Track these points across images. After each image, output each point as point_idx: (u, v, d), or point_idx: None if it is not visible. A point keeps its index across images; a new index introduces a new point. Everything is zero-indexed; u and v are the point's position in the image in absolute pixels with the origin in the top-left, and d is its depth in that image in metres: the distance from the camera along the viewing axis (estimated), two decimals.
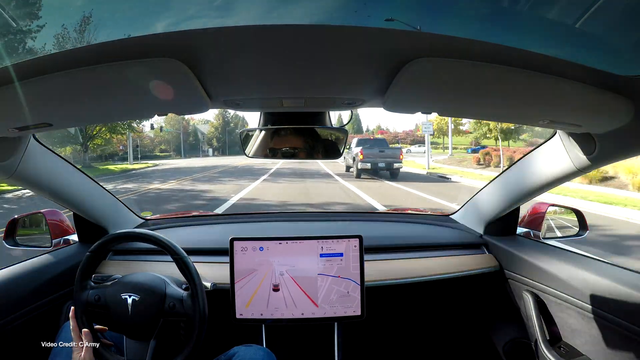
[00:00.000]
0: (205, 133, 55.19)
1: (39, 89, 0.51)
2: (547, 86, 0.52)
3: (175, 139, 48.69)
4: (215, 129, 54.79)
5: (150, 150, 44.62)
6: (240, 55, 0.47)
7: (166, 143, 48.41)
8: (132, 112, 0.70)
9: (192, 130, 53.49)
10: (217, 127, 54.71)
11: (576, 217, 1.22)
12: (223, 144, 54.18)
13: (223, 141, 54.25)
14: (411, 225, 1.45)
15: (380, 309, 1.32)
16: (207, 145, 53.89)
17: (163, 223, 1.43)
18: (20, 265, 1.02)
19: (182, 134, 47.94)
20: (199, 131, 54.96)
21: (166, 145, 48.20)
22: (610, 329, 0.87)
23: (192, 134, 53.20)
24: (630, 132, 0.66)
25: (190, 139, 52.14)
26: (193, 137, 53.02)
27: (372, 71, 0.53)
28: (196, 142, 52.93)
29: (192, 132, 53.20)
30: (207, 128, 55.70)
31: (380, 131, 59.93)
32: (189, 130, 52.02)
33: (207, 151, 51.65)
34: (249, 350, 0.89)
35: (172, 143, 48.82)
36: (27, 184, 0.93)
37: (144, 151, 40.64)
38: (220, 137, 54.57)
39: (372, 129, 68.53)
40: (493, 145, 18.97)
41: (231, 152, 51.77)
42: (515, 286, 1.17)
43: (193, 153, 47.90)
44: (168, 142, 48.53)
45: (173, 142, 49.01)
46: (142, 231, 0.85)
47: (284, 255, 1.06)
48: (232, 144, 54.33)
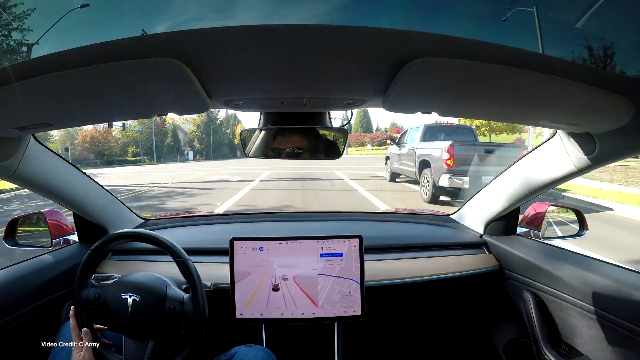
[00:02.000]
0: (187, 132, 45.28)
1: (39, 89, 0.51)
2: (547, 86, 0.52)
3: (147, 139, 39.18)
4: (198, 127, 44.56)
5: (120, 154, 36.07)
6: (240, 55, 0.47)
7: (136, 144, 38.55)
8: (132, 112, 0.70)
9: (171, 129, 42.74)
10: (199, 125, 44.40)
11: (576, 217, 1.23)
12: (207, 146, 44.58)
13: (207, 142, 44.62)
14: (411, 225, 1.45)
15: (381, 309, 1.32)
16: (188, 147, 44.41)
17: (163, 223, 1.43)
18: (20, 265, 1.02)
19: (153, 134, 38.43)
20: (180, 130, 44.89)
21: (135, 147, 38.40)
22: (610, 328, 0.87)
23: (169, 133, 42.43)
24: (630, 132, 0.66)
25: (167, 139, 41.92)
26: (172, 138, 42.47)
27: (372, 71, 0.53)
28: (175, 143, 42.62)
29: (169, 131, 42.47)
30: (188, 127, 45.70)
31: (395, 129, 51.00)
32: (165, 129, 41.71)
33: (187, 154, 42.85)
34: (249, 350, 0.89)
35: (144, 145, 39.07)
36: (27, 184, 0.93)
37: (110, 156, 34.25)
38: (203, 137, 44.52)
39: (386, 128, 58.89)
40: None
41: (217, 155, 42.56)
42: (516, 286, 1.17)
43: (170, 157, 39.38)
44: (138, 143, 38.52)
45: (145, 144, 39.15)
46: (143, 231, 0.85)
47: (284, 255, 1.06)
48: (218, 146, 45.51)
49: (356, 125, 50.80)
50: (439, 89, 0.56)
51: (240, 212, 1.46)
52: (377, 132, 52.50)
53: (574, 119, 0.66)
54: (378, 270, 1.15)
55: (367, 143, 39.99)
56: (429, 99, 0.61)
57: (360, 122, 51.87)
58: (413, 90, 0.56)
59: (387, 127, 58.25)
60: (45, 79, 0.48)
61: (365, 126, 52.62)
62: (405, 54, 0.46)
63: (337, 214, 1.57)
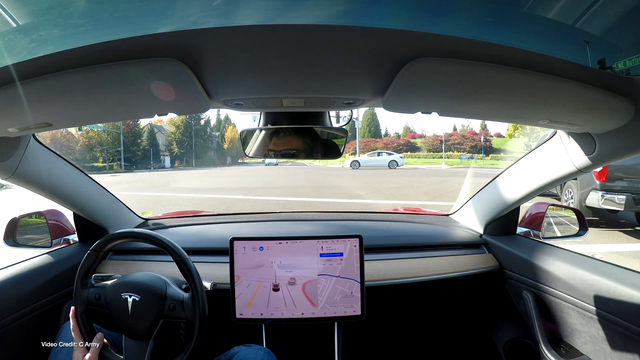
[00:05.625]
0: (167, 134, 37.67)
1: (39, 89, 0.51)
2: (547, 86, 0.52)
3: (115, 141, 30.92)
4: (177, 128, 36.88)
5: (85, 160, 28.64)
6: (240, 55, 0.47)
7: (100, 147, 30.00)
8: (132, 112, 0.70)
9: (148, 129, 34.84)
10: (178, 125, 36.80)
11: (576, 217, 1.23)
12: (187, 151, 37.29)
13: (188, 146, 37.20)
14: (411, 225, 1.45)
15: (381, 308, 1.32)
16: (166, 152, 36.95)
17: (163, 223, 1.43)
18: (20, 265, 1.02)
19: (122, 134, 30.38)
20: (159, 130, 37.22)
21: (100, 151, 30.12)
22: (610, 328, 0.87)
23: (144, 135, 34.40)
24: (630, 132, 0.66)
25: (143, 142, 34.13)
26: (148, 140, 34.53)
27: (372, 71, 0.53)
28: (152, 147, 34.62)
29: (144, 132, 34.40)
30: (167, 127, 38.07)
31: (410, 134, 45.38)
32: (137, 130, 33.32)
33: (163, 161, 35.64)
34: (249, 350, 0.89)
35: (110, 148, 30.58)
36: (27, 184, 0.93)
37: (78, 161, 22.11)
38: (183, 140, 36.96)
39: (396, 132, 51.01)
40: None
41: (200, 162, 36.44)
42: (515, 286, 1.17)
43: (143, 163, 32.25)
44: (102, 146, 30.07)
45: (112, 147, 30.79)
46: (143, 231, 0.85)
47: (284, 255, 1.06)
48: (202, 151, 38.52)
49: (363, 130, 45.38)
50: (439, 89, 0.56)
51: (240, 212, 1.47)
52: (387, 137, 46.59)
53: (574, 119, 0.66)
54: (378, 270, 1.15)
55: (381, 150, 34.30)
56: (429, 99, 0.61)
57: (367, 127, 46.61)
58: (413, 90, 0.56)
59: (398, 131, 51.77)
60: (45, 79, 0.48)
61: (373, 130, 47.14)
62: (405, 54, 0.46)
63: (337, 214, 1.57)
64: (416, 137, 43.02)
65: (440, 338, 1.44)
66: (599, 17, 0.41)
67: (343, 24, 0.39)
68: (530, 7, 0.41)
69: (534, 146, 1.08)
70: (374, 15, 0.39)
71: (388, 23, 0.39)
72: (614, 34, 0.43)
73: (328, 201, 7.33)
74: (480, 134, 38.41)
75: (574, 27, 0.41)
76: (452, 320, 1.42)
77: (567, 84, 0.51)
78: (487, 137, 37.84)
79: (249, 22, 0.39)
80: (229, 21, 0.39)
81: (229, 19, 0.39)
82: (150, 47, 0.43)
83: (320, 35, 0.42)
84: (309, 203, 7.08)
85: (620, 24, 0.42)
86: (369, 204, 6.24)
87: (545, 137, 0.99)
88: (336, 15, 0.39)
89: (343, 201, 7.38)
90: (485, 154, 32.66)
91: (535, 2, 0.40)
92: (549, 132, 0.95)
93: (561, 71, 0.49)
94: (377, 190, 9.48)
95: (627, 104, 0.58)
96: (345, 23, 0.39)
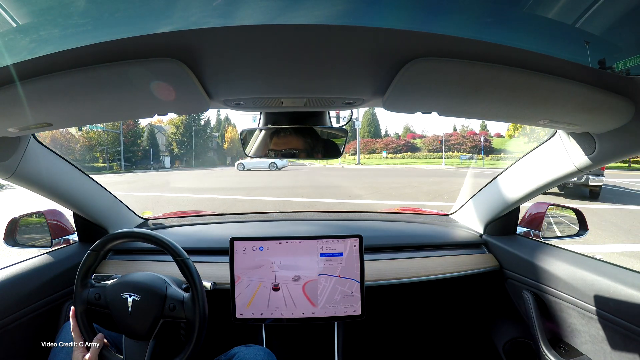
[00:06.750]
0: (167, 134, 38.22)
1: (39, 89, 0.51)
2: (547, 86, 0.52)
3: (114, 141, 31.27)
4: (177, 129, 37.37)
5: (85, 160, 29.19)
6: (240, 55, 0.47)
7: (100, 148, 30.34)
8: (132, 112, 0.70)
9: (148, 130, 35.62)
10: (178, 125, 37.30)
11: (576, 217, 1.23)
12: (187, 151, 37.86)
13: (187, 147, 37.75)
14: (411, 224, 1.45)
15: (381, 308, 1.32)
16: (166, 152, 37.48)
17: (163, 223, 1.43)
18: (20, 265, 1.02)
19: (122, 135, 30.73)
20: (159, 130, 37.69)
21: (100, 151, 30.43)
22: (610, 328, 0.87)
23: (144, 135, 35.12)
24: (630, 132, 0.66)
25: (143, 142, 34.69)
26: (148, 141, 35.14)
27: (372, 71, 0.53)
28: (152, 147, 35.11)
29: (144, 132, 35.06)
30: (167, 128, 38.83)
31: (410, 134, 46.18)
32: (137, 130, 33.91)
33: (163, 161, 36.20)
34: (249, 350, 0.89)
35: (110, 149, 30.93)
36: (27, 184, 0.93)
37: (78, 161, 22.48)
38: (183, 140, 37.46)
39: (396, 133, 51.93)
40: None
41: (200, 162, 36.81)
42: (515, 286, 1.17)
43: (143, 163, 32.80)
44: (102, 146, 30.41)
45: (112, 147, 31.09)
46: (143, 231, 0.85)
47: (284, 254, 1.06)
48: (201, 151, 38.80)
49: (363, 130, 45.91)
50: (439, 89, 0.56)
51: (240, 212, 1.47)
52: (387, 137, 47.64)
53: (574, 118, 0.66)
54: (378, 270, 1.15)
55: (382, 150, 36.22)
56: (429, 99, 0.61)
57: (367, 127, 47.22)
58: (413, 90, 0.56)
59: (398, 132, 52.36)
60: (45, 79, 0.48)
61: (373, 131, 47.60)
62: (405, 54, 0.46)
63: (337, 214, 1.57)
64: (416, 138, 43.08)
65: (440, 338, 1.44)
66: (599, 17, 0.41)
67: (343, 23, 0.39)
68: (530, 7, 0.41)
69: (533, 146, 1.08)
70: (373, 15, 0.39)
71: (388, 23, 0.39)
72: (614, 34, 0.43)
73: (328, 202, 7.37)
74: (480, 134, 38.57)
75: (574, 27, 0.41)
76: (452, 320, 1.42)
77: (567, 84, 0.51)
78: (487, 138, 37.98)
79: (249, 22, 0.39)
80: (229, 21, 0.39)
81: (229, 19, 0.39)
82: (150, 47, 0.43)
83: (320, 35, 0.42)
84: (309, 203, 7.15)
85: (620, 24, 0.42)
86: (369, 204, 6.31)
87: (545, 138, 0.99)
88: (336, 15, 0.39)
89: (343, 201, 7.41)
90: (485, 154, 32.84)
91: (535, 2, 0.40)
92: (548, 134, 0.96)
93: (561, 71, 0.49)
94: (377, 190, 9.55)
95: (627, 103, 0.58)
96: (345, 23, 0.39)
